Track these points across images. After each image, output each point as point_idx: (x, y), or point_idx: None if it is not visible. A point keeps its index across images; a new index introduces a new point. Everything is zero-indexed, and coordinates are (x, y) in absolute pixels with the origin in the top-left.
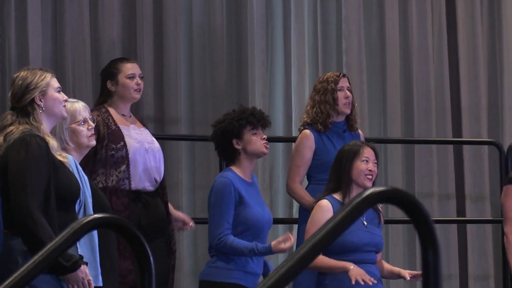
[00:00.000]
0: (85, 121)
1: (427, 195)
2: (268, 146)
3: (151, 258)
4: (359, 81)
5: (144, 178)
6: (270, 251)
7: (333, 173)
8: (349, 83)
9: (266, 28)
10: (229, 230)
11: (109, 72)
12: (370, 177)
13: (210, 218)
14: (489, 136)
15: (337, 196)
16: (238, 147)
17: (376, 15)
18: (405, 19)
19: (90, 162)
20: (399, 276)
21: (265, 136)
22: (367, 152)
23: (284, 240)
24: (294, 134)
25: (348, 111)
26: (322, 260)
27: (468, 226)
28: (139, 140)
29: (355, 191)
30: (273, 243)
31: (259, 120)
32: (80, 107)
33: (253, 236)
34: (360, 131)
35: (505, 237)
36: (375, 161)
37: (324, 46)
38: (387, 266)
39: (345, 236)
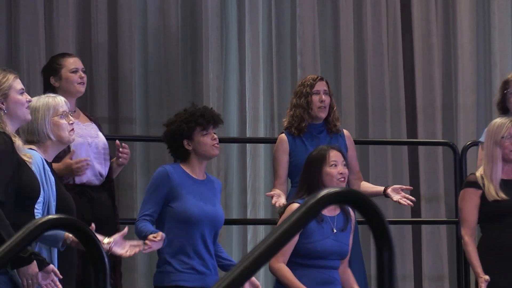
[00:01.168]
0: (65, 114)
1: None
2: (218, 147)
3: (106, 259)
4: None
5: (88, 173)
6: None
7: (303, 181)
8: (327, 87)
9: (220, 29)
10: (147, 216)
11: (52, 68)
12: (343, 179)
13: None
14: (443, 137)
15: None
16: (189, 147)
17: (331, 15)
18: (359, 20)
19: None
20: None
21: (216, 137)
22: (334, 156)
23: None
24: (248, 135)
25: (323, 115)
26: (288, 277)
27: (423, 226)
28: (82, 134)
29: None
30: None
31: (209, 121)
32: (61, 101)
33: (187, 230)
34: (345, 131)
35: (462, 239)
36: (344, 163)
37: (279, 46)
38: (348, 277)
39: (314, 243)
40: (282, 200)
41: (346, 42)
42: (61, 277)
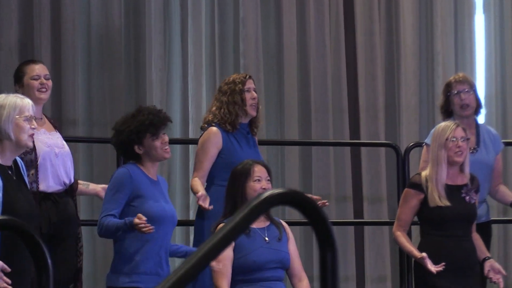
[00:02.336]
0: (30, 119)
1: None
2: (168, 150)
3: (49, 261)
4: (256, 83)
5: (53, 183)
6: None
7: (228, 196)
8: (254, 85)
9: (163, 29)
10: (110, 215)
11: (16, 77)
12: None
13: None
14: (386, 138)
15: None
16: (140, 152)
17: (274, 16)
18: (302, 20)
19: None
20: None
21: (166, 139)
22: (258, 171)
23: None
24: (191, 136)
25: (254, 113)
26: None
27: (366, 227)
28: (49, 144)
29: None
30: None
31: (159, 128)
32: (29, 104)
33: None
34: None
35: (393, 234)
36: (268, 178)
37: (222, 47)
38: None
39: (247, 256)
40: (206, 205)
41: (288, 43)
42: (9, 270)
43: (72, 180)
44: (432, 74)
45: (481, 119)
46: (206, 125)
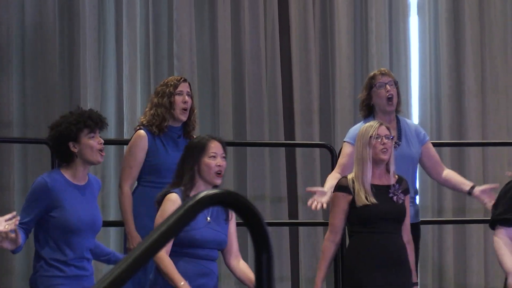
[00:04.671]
0: None
1: (259, 198)
2: (103, 154)
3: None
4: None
5: None
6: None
7: (180, 167)
8: (190, 89)
9: (98, 31)
10: (23, 224)
11: None
12: (220, 173)
13: None
14: (321, 139)
15: (186, 191)
16: (74, 150)
17: (208, 19)
18: (237, 23)
19: None
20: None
21: (102, 141)
22: (214, 147)
23: None
24: (125, 137)
25: (183, 118)
26: (166, 265)
27: (300, 228)
28: None
29: (203, 187)
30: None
31: (97, 124)
32: None
33: (68, 238)
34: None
35: (324, 241)
36: (223, 155)
37: (156, 49)
38: (243, 269)
39: (189, 231)
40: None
41: (223, 45)
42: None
43: None
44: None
45: (415, 120)
46: (137, 128)
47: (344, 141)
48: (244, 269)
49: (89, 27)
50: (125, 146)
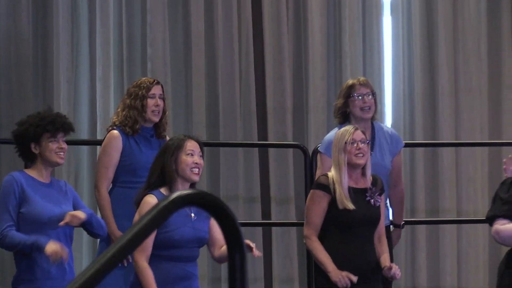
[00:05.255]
0: None
1: (232, 198)
2: (63, 157)
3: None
4: (163, 86)
5: None
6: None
7: (157, 168)
8: (163, 91)
9: (71, 32)
10: (12, 225)
11: None
12: (197, 170)
13: None
14: (294, 140)
15: (163, 191)
16: (36, 151)
17: (181, 20)
18: (210, 24)
19: None
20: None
21: (63, 146)
22: (191, 145)
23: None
24: (99, 137)
25: (155, 119)
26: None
27: (273, 228)
28: None
29: (181, 185)
30: (48, 251)
31: (58, 129)
32: None
33: (40, 233)
34: (167, 138)
35: (306, 239)
36: (200, 154)
37: (129, 51)
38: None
39: (170, 233)
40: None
41: (196, 46)
42: None
43: None
44: (340, 76)
45: (388, 120)
46: (110, 128)
47: (319, 151)
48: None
49: (62, 28)
50: (98, 147)
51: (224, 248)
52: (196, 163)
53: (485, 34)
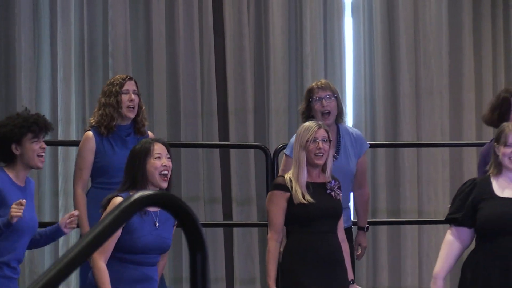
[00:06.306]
0: None
1: (194, 199)
2: (43, 160)
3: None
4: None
5: None
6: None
7: (127, 173)
8: (136, 87)
9: (33, 32)
10: None
11: None
12: (166, 172)
13: None
14: (255, 141)
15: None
16: (17, 152)
17: (143, 18)
18: (171, 22)
19: None
20: None
21: (44, 146)
22: (158, 148)
23: None
24: (60, 138)
25: (131, 115)
26: (101, 278)
27: (235, 229)
28: None
29: (151, 189)
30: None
31: (41, 129)
32: None
33: (10, 239)
34: (149, 133)
35: (268, 240)
36: (168, 156)
37: (91, 48)
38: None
39: (136, 239)
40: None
41: (158, 44)
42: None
43: None
44: (302, 77)
45: (349, 121)
46: (86, 129)
47: (285, 154)
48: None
49: (24, 27)
50: (59, 147)
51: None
52: (164, 165)
53: (446, 36)
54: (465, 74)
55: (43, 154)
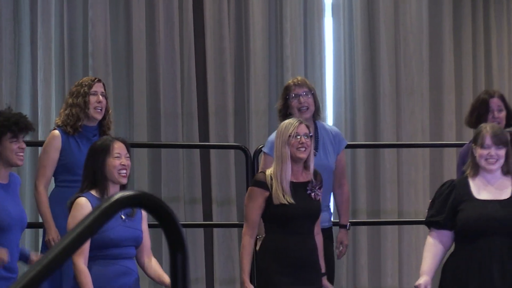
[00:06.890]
0: None
1: (174, 199)
2: (22, 158)
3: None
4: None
5: None
6: None
7: (86, 171)
8: (104, 89)
9: (13, 33)
10: None
11: None
12: (124, 172)
13: None
14: (235, 141)
15: (94, 193)
16: None
17: (123, 19)
18: (152, 23)
19: None
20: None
21: (24, 146)
22: (118, 147)
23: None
24: (40, 138)
25: (98, 117)
26: (83, 280)
27: (215, 230)
28: None
29: (111, 188)
30: None
31: (21, 130)
32: None
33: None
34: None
35: (243, 236)
36: (127, 155)
37: (71, 48)
38: (155, 268)
39: (104, 233)
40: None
41: (138, 45)
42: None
43: None
44: (282, 78)
45: (329, 121)
46: (52, 128)
47: (263, 152)
48: (156, 267)
49: (4, 28)
50: (39, 148)
51: (155, 269)
52: (123, 164)
53: (427, 36)
54: (445, 75)
55: (22, 153)
